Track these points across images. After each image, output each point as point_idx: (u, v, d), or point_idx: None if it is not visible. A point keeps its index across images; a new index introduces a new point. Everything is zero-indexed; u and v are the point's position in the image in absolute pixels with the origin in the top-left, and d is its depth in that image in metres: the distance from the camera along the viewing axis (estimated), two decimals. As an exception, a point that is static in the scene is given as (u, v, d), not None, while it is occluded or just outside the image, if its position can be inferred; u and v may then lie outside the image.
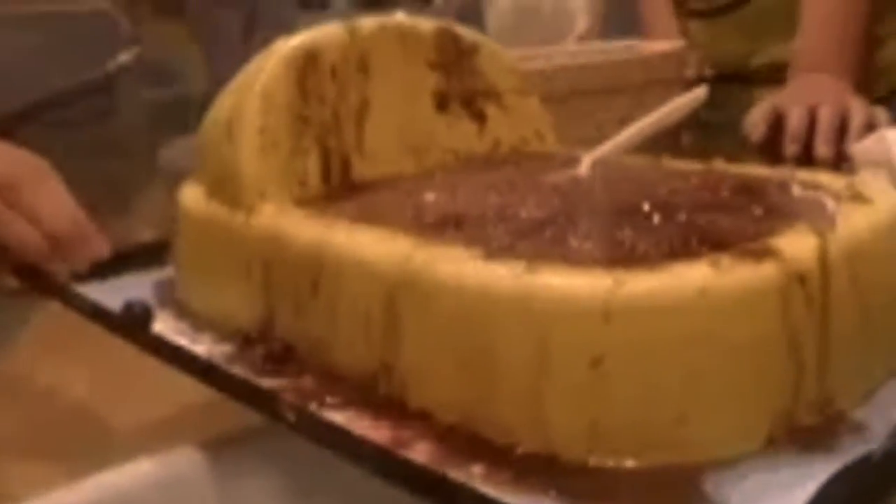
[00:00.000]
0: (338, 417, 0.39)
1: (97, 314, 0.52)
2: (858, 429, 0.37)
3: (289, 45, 0.51)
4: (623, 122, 0.51)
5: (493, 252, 0.38)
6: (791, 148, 1.01)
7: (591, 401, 0.35)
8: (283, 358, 0.45)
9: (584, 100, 0.94)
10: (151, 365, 0.47)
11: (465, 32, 0.57)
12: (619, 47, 1.18)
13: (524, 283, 0.36)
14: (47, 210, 0.56)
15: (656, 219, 0.40)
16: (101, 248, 0.58)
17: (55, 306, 0.57)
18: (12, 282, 0.57)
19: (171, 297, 0.54)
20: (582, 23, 2.08)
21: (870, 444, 0.36)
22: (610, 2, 2.13)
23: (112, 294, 0.53)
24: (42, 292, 0.58)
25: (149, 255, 0.59)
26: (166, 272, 0.57)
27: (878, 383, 0.40)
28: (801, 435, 0.36)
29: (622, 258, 0.37)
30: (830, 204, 0.42)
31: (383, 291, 0.41)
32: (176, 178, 0.56)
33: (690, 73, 1.24)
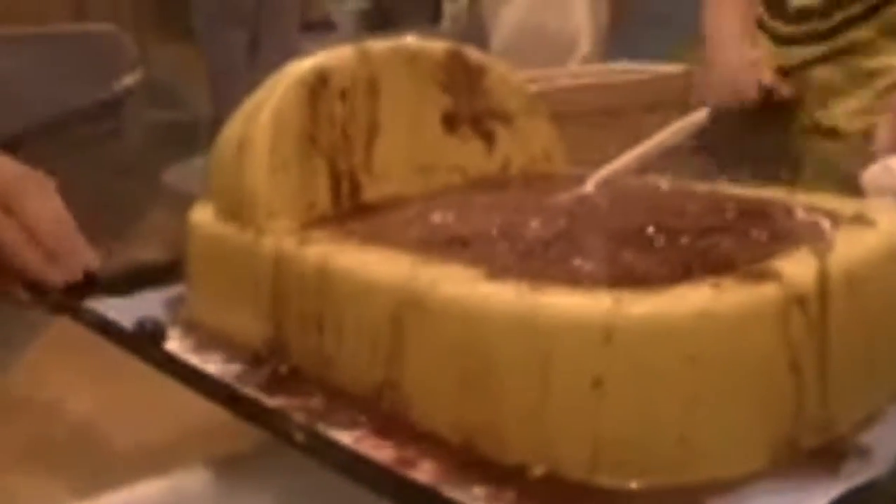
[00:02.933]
0: (344, 437, 0.40)
1: (110, 331, 0.52)
2: (862, 453, 0.37)
3: (300, 67, 0.51)
4: (624, 144, 0.52)
5: (497, 271, 0.39)
6: None
7: (592, 421, 0.36)
8: (291, 377, 0.45)
9: (585, 121, 0.94)
10: (158, 382, 0.48)
11: (475, 54, 0.57)
12: (621, 70, 1.19)
13: (527, 302, 0.36)
14: (38, 217, 0.57)
15: (660, 240, 0.41)
16: (91, 259, 0.58)
17: (63, 321, 0.57)
18: (23, 295, 0.57)
19: (180, 316, 0.54)
20: (585, 45, 2.09)
21: (874, 468, 0.36)
22: (612, 25, 2.14)
23: (122, 312, 0.53)
24: (53, 308, 0.58)
25: (158, 273, 0.59)
26: (175, 291, 0.57)
27: (882, 407, 0.40)
28: (804, 458, 0.37)
29: (624, 279, 0.37)
30: (834, 226, 0.42)
31: (388, 311, 0.41)
32: (180, 199, 0.56)
33: (694, 96, 1.24)
